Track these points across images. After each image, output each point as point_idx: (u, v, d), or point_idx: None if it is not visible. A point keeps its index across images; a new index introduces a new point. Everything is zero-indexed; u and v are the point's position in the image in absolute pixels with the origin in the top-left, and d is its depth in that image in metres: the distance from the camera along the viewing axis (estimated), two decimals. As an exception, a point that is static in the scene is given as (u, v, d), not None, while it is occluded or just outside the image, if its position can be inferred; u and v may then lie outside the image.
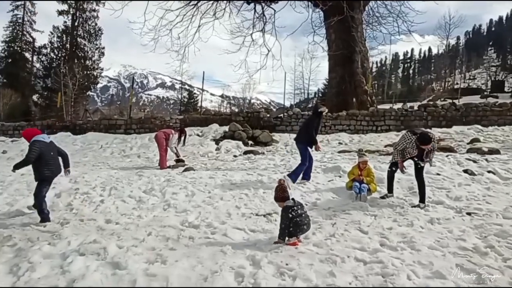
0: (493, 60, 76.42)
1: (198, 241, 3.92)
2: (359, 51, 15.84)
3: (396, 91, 46.05)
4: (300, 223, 3.65)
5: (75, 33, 32.56)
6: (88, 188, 6.42)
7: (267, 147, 12.03)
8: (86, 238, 3.94)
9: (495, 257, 3.30)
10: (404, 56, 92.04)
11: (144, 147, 12.39)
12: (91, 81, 32.70)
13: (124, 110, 30.19)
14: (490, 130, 12.54)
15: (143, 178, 7.13)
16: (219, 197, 5.70)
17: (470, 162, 7.26)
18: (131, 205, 5.52)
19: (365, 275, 2.99)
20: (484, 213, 4.61)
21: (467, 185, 5.94)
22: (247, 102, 35.68)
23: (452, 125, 13.40)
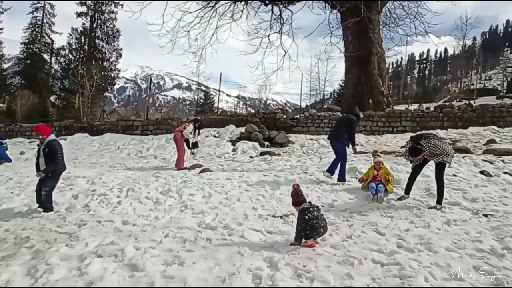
0: (509, 60, 74.59)
1: (215, 242, 3.93)
2: (375, 52, 15.71)
3: (412, 92, 45.39)
4: (317, 225, 3.66)
5: (93, 34, 32.92)
6: (105, 189, 6.48)
7: (283, 148, 12.00)
8: (103, 240, 4.00)
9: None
10: (420, 57, 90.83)
11: (161, 148, 12.52)
12: (108, 82, 32.92)
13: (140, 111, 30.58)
14: (506, 131, 12.40)
15: (160, 179, 7.18)
16: (236, 199, 5.73)
17: (486, 163, 7.21)
18: (148, 207, 5.57)
19: (383, 277, 3.00)
20: (500, 214, 4.59)
21: (483, 186, 5.91)
22: (263, 103, 35.71)
23: (468, 126, 13.21)
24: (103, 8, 33.30)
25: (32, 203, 5.76)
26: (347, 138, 6.80)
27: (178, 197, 5.93)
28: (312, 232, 3.65)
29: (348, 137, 6.79)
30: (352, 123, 6.85)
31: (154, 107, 40.60)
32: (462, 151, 8.83)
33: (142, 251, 3.65)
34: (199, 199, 5.77)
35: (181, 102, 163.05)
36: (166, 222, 4.76)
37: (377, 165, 5.87)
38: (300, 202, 3.84)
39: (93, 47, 32.75)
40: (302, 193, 3.92)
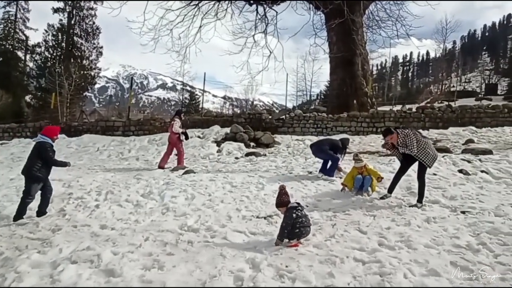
0: (487, 64, 77.68)
1: (197, 245, 3.87)
2: (359, 53, 15.94)
3: (396, 94, 46.31)
4: (306, 223, 3.73)
5: (72, 31, 31.37)
6: (82, 193, 6.29)
7: (269, 149, 11.99)
8: (79, 245, 3.87)
9: (486, 253, 3.41)
10: (404, 59, 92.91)
11: (143, 150, 12.28)
12: (88, 81, 31.54)
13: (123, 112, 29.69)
14: (484, 131, 12.94)
15: (141, 182, 7.03)
16: (219, 200, 5.66)
17: (464, 162, 7.41)
18: (128, 210, 5.42)
19: (364, 274, 3.05)
20: (477, 211, 4.74)
21: (461, 184, 6.11)
22: (250, 104, 35.65)
23: (448, 126, 13.72)
24: (81, 4, 31.76)
25: (3, 208, 5.56)
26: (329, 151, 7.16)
27: (159, 200, 5.82)
28: (300, 230, 3.68)
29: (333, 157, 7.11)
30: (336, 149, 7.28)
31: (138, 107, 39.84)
32: (442, 150, 9.08)
33: (120, 255, 3.54)
34: (181, 201, 5.67)
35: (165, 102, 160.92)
36: (146, 226, 4.64)
37: (360, 170, 5.86)
38: (285, 203, 3.88)
39: (71, 44, 31.23)
40: (287, 194, 3.96)
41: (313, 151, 7.62)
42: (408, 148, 5.12)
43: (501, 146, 10.30)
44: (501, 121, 13.84)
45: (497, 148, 9.76)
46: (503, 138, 11.76)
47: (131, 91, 20.59)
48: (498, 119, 13.91)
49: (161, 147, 12.13)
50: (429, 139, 5.55)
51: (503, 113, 14.04)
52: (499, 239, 3.72)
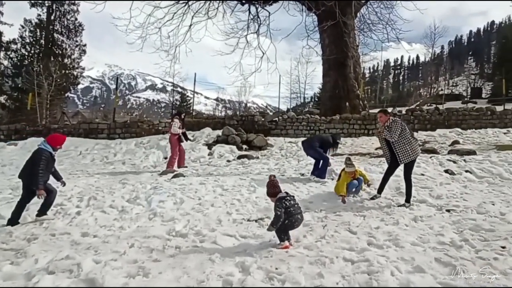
0: (472, 68, 79.56)
1: (185, 250, 3.77)
2: (351, 56, 16.08)
3: (387, 96, 46.92)
4: (294, 212, 3.76)
5: (52, 27, 29.28)
6: (62, 199, 5.97)
7: (261, 151, 11.93)
8: (57, 255, 3.67)
9: (468, 249, 3.55)
10: (395, 62, 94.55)
11: (129, 153, 11.97)
12: (71, 81, 29.69)
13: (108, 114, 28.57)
14: (469, 133, 13.53)
15: (127, 186, 6.80)
16: (209, 204, 5.55)
17: (450, 163, 7.68)
18: (112, 216, 5.21)
19: (352, 274, 3.08)
20: (461, 209, 4.93)
21: (447, 184, 6.33)
22: (243, 106, 35.49)
23: (436, 128, 14.21)
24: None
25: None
26: (319, 147, 7.21)
27: (146, 205, 5.63)
28: (290, 220, 3.71)
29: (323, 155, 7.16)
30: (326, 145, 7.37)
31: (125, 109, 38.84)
32: (430, 151, 9.41)
33: (102, 264, 3.39)
34: (169, 205, 5.52)
35: (155, 104, 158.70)
36: (132, 232, 4.48)
37: (351, 174, 5.84)
38: (276, 193, 3.88)
39: (51, 41, 29.10)
40: (278, 185, 3.96)
41: (304, 147, 7.62)
42: (390, 134, 5.26)
43: (484, 147, 10.77)
44: (485, 123, 14.44)
45: (480, 149, 10.18)
46: (486, 140, 12.27)
47: (117, 92, 20.11)
48: (482, 121, 14.51)
49: (149, 150, 11.94)
50: (417, 140, 5.67)
51: (487, 115, 14.66)
52: (480, 235, 3.90)
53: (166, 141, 12.11)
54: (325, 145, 7.32)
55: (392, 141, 5.29)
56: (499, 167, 7.14)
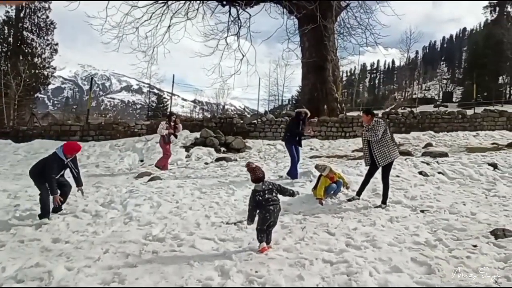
0: (444, 73, 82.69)
1: (162, 255, 3.68)
2: (330, 59, 16.32)
3: (364, 100, 48.04)
4: (265, 203, 3.66)
5: (21, 25, 27.85)
6: (31, 204, 5.74)
7: (240, 154, 11.89)
8: (26, 262, 3.52)
9: (442, 248, 3.65)
10: (371, 66, 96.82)
11: (104, 156, 11.61)
12: (41, 81, 28.28)
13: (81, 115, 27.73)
14: (441, 135, 13.92)
15: (101, 190, 6.62)
16: (187, 207, 5.46)
17: (424, 165, 7.85)
18: (86, 221, 5.03)
19: (332, 275, 3.11)
20: (434, 210, 5.07)
21: (421, 185, 6.50)
22: (221, 108, 35.36)
23: (410, 131, 14.59)
24: (32, -5, 28.19)
25: None
26: (290, 136, 7.39)
27: (122, 209, 5.47)
28: (262, 213, 3.66)
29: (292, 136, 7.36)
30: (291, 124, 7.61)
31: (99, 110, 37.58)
32: (405, 154, 9.65)
33: (75, 271, 3.27)
34: (146, 209, 5.38)
35: (130, 105, 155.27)
36: (106, 237, 4.33)
37: (330, 178, 5.82)
38: (256, 179, 3.76)
39: (20, 40, 27.64)
40: (256, 172, 3.78)
41: None
42: (371, 134, 5.33)
43: (456, 149, 11.15)
44: (456, 126, 14.97)
45: (452, 151, 10.52)
46: (457, 142, 12.72)
47: (91, 93, 19.38)
48: (453, 124, 15.02)
49: (124, 152, 11.65)
50: (396, 143, 5.79)
51: (458, 119, 15.20)
52: (453, 235, 4.02)
53: (143, 143, 11.90)
54: (292, 129, 7.39)
55: (372, 143, 5.36)
56: (469, 168, 7.40)
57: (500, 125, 15.03)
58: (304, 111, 7.62)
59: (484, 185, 6.54)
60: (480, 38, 39.15)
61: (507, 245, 3.62)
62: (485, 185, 6.53)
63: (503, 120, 15.19)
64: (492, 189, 6.25)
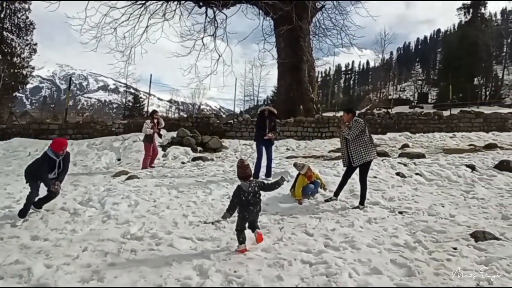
0: (419, 74, 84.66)
1: (141, 254, 3.68)
2: (306, 60, 16.49)
3: (339, 100, 48.86)
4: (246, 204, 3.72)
5: (1, 25, 28.03)
6: (10, 201, 5.69)
7: (216, 153, 11.89)
8: (5, 259, 3.50)
9: (422, 250, 3.65)
10: (346, 67, 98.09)
11: (81, 154, 11.41)
12: (19, 80, 28.51)
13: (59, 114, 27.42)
14: (417, 136, 14.06)
15: (79, 188, 6.54)
16: (165, 206, 5.45)
17: (401, 166, 7.89)
18: (64, 219, 4.98)
19: (311, 276, 3.11)
20: (413, 211, 5.11)
21: (399, 186, 6.53)
22: (197, 108, 35.11)
23: (386, 132, 14.72)
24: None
25: None
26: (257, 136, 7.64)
27: (100, 207, 5.41)
28: (242, 212, 3.72)
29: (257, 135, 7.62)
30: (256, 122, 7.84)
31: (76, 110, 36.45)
32: (382, 155, 9.62)
33: (54, 268, 3.27)
34: (124, 208, 5.34)
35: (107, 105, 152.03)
36: (84, 235, 4.31)
37: (308, 177, 5.89)
38: (246, 176, 3.82)
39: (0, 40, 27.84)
40: (248, 168, 3.87)
41: None
42: (348, 132, 5.42)
43: (432, 150, 11.24)
44: (432, 127, 15.12)
45: (429, 152, 10.63)
46: (433, 143, 12.88)
47: (69, 92, 18.98)
48: (430, 125, 15.17)
49: (101, 151, 11.50)
50: (374, 144, 5.81)
51: (434, 120, 15.34)
52: (432, 237, 4.02)
53: (120, 142, 11.74)
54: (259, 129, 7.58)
55: (349, 142, 5.43)
56: (447, 170, 7.48)
57: (477, 126, 15.27)
58: (267, 109, 7.76)
59: (462, 187, 6.58)
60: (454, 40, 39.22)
61: (488, 248, 3.62)
62: (463, 187, 6.58)
63: (480, 121, 15.42)
64: (471, 191, 6.28)
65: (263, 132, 7.52)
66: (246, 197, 3.74)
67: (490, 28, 36.66)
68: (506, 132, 14.92)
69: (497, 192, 6.36)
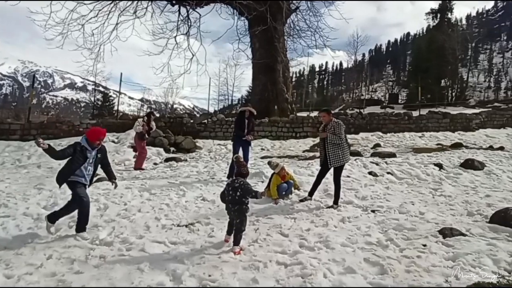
0: (390, 75, 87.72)
1: (110, 259, 3.54)
2: (280, 60, 16.58)
3: (313, 100, 49.47)
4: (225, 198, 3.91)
5: None
6: None
7: (190, 154, 11.72)
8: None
9: (393, 248, 3.73)
10: (320, 68, 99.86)
11: (46, 156, 10.67)
12: None
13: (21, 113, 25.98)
14: (388, 136, 14.54)
15: (44, 192, 6.18)
16: (136, 209, 5.26)
17: (373, 165, 8.09)
18: (26, 225, 4.68)
19: (286, 278, 3.11)
20: (384, 210, 5.23)
21: (371, 185, 6.70)
22: (170, 107, 34.41)
23: (359, 131, 15.09)
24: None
25: None
26: (235, 136, 7.64)
27: (66, 211, 5.13)
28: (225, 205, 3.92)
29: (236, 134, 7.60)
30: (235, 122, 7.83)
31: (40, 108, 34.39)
32: (355, 154, 9.88)
33: (15, 279, 3.10)
34: (92, 212, 4.99)
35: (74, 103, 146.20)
36: (49, 242, 4.08)
37: (281, 176, 5.91)
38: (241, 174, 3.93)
39: None
40: (244, 167, 4.05)
41: None
42: (335, 137, 5.41)
43: (403, 149, 11.68)
44: (402, 127, 15.65)
45: (399, 151, 11.02)
46: (404, 143, 13.38)
47: (32, 90, 17.95)
48: (400, 125, 15.70)
49: (68, 152, 10.95)
50: (349, 146, 5.93)
51: (404, 120, 15.91)
52: (403, 234, 4.13)
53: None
54: (238, 129, 7.53)
55: (328, 143, 5.44)
56: (416, 168, 7.75)
57: (444, 126, 15.98)
58: (247, 110, 7.70)
59: (430, 185, 6.87)
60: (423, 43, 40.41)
61: (455, 244, 3.74)
62: (432, 185, 6.86)
63: (447, 121, 16.17)
64: (439, 189, 6.56)
65: (242, 133, 7.43)
66: (227, 190, 3.86)
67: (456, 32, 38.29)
68: (470, 132, 15.74)
69: (463, 189, 6.70)
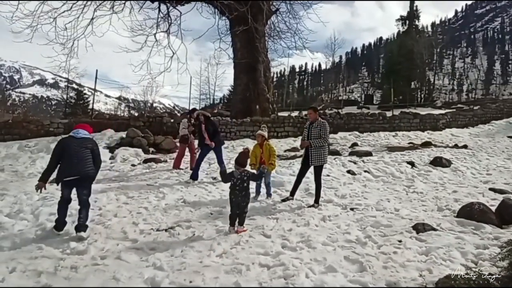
0: (365, 77, 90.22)
1: (83, 270, 3.30)
2: (261, 61, 16.58)
3: (293, 100, 49.94)
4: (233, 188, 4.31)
5: None
6: None
7: (170, 154, 11.37)
8: None
9: (372, 245, 3.80)
10: (300, 69, 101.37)
11: (10, 158, 10.12)
12: None
13: None
14: (365, 135, 14.97)
15: (7, 198, 5.74)
16: (112, 214, 5.00)
17: (351, 164, 8.34)
18: (-14, 235, 4.30)
19: (269, 279, 3.10)
20: (363, 207, 5.36)
21: (350, 183, 6.88)
22: (149, 106, 33.55)
23: (337, 131, 15.34)
24: None
25: None
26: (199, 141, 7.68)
27: (33, 219, 4.77)
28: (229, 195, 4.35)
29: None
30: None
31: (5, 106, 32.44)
32: (334, 153, 10.06)
33: (-27, 295, 2.81)
34: (62, 218, 4.77)
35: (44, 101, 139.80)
36: (13, 253, 3.73)
37: (259, 138, 5.97)
38: (242, 163, 4.39)
39: None
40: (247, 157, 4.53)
41: None
42: (322, 140, 5.57)
43: (378, 148, 12.08)
44: (377, 127, 16.15)
45: (375, 150, 11.35)
46: (379, 142, 13.82)
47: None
48: (375, 125, 16.18)
49: (36, 154, 10.27)
50: (329, 146, 6.06)
51: (379, 120, 16.44)
52: (380, 231, 4.26)
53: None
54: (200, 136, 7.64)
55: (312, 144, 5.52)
56: (391, 167, 8.05)
57: (415, 126, 16.70)
58: (200, 113, 7.83)
59: (404, 182, 7.13)
60: (394, 47, 42.81)
61: (427, 239, 3.89)
62: (405, 182, 7.13)
63: (417, 121, 16.92)
64: (411, 186, 6.84)
65: (203, 140, 7.49)
66: (234, 182, 4.23)
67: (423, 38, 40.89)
68: (438, 131, 16.62)
69: (433, 186, 7.02)
